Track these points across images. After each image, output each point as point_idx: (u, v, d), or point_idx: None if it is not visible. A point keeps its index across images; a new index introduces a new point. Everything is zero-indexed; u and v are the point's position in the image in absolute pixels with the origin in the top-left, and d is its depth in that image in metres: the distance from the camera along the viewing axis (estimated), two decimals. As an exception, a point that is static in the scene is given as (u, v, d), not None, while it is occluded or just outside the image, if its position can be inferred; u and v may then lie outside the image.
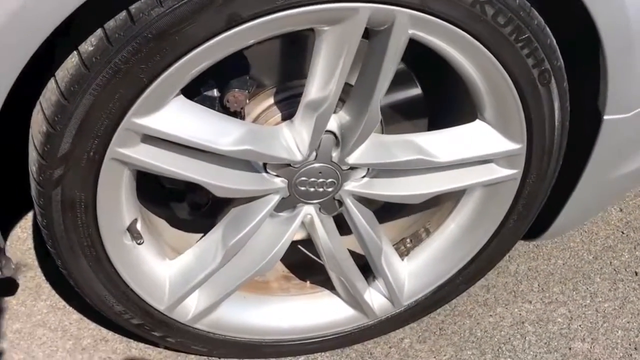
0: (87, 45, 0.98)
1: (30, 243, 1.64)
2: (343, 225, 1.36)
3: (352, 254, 1.41)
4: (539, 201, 1.35)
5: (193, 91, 1.13)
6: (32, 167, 1.09)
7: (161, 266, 1.29)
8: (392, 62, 1.08)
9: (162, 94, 1.03)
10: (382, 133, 1.32)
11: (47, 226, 1.14)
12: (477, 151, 1.24)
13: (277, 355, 1.52)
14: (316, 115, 1.12)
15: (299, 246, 1.56)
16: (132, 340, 1.50)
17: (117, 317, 1.32)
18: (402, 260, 1.46)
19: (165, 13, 0.94)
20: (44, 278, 1.58)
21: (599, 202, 1.51)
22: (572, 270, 1.79)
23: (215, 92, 1.16)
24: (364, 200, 1.34)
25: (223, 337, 1.42)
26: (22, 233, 1.65)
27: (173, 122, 1.07)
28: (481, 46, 1.09)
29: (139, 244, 1.21)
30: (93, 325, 1.52)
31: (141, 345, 1.50)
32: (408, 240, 1.49)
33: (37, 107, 1.07)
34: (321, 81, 1.09)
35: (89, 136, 1.03)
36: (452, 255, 1.43)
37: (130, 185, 1.17)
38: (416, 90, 1.34)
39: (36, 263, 1.61)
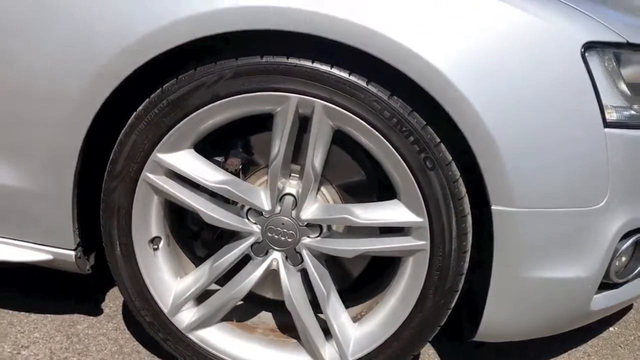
0: (140, 109, 1.72)
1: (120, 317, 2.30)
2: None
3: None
4: (452, 276, 1.69)
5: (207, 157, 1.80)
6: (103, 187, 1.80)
7: (172, 280, 1.86)
8: (315, 140, 1.64)
9: (176, 141, 1.71)
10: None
11: (104, 226, 1.81)
12: (390, 218, 1.69)
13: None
14: (270, 168, 1.70)
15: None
16: (155, 357, 2.02)
17: (137, 312, 1.88)
18: (354, 323, 1.84)
19: (177, 88, 1.66)
20: (121, 316, 2.22)
21: (524, 306, 1.72)
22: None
23: (219, 158, 1.81)
24: (322, 261, 1.82)
25: (208, 352, 1.88)
26: (112, 303, 2.33)
27: (182, 162, 1.73)
28: (379, 134, 1.62)
29: (154, 249, 1.81)
30: (135, 343, 2.07)
31: (160, 362, 2.02)
32: (363, 312, 1.88)
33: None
34: (274, 146, 1.69)
35: (132, 162, 1.73)
36: (389, 319, 1.78)
37: (158, 212, 1.82)
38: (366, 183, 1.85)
39: (120, 310, 2.26)
